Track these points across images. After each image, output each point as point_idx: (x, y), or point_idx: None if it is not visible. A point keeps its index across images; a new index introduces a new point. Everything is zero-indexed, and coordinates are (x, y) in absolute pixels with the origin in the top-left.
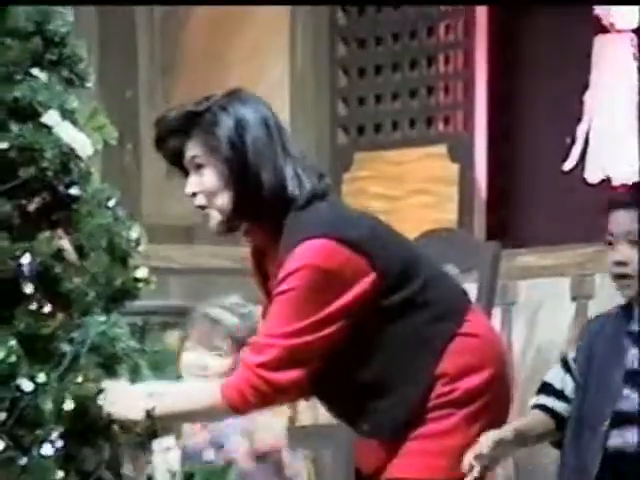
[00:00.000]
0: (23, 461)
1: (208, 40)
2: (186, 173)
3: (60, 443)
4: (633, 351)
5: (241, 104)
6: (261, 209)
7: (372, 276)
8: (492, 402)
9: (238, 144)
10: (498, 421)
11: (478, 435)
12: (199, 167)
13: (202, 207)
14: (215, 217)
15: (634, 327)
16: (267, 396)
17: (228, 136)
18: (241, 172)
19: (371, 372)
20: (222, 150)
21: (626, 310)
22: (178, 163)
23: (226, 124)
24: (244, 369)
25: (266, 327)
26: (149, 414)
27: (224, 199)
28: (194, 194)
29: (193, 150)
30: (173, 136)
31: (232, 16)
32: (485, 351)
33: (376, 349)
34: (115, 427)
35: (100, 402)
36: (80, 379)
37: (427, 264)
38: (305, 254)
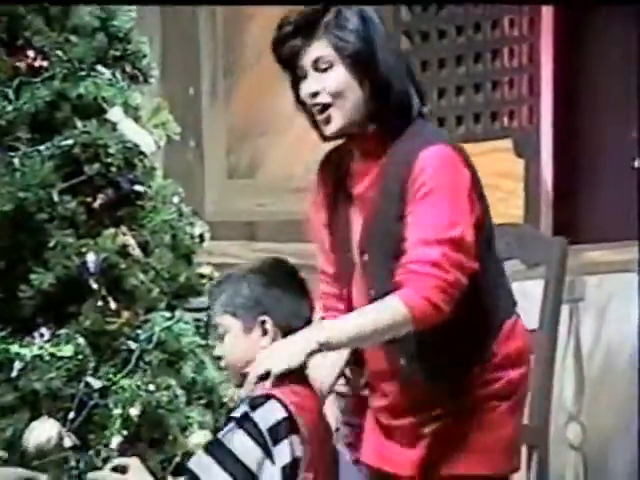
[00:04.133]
0: (80, 464)
1: (269, 43)
2: (295, 79)
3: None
4: None
5: (359, 5)
6: (386, 111)
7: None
8: (522, 399)
9: (368, 40)
10: (521, 419)
11: (519, 428)
12: (324, 70)
13: (324, 106)
14: (338, 117)
15: None
16: (455, 284)
17: (357, 32)
18: (371, 69)
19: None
20: (352, 47)
21: None
22: (290, 67)
23: (353, 21)
24: (421, 272)
25: (427, 224)
26: (320, 348)
27: (354, 98)
28: (315, 94)
29: (317, 51)
30: (294, 37)
31: None
32: (524, 349)
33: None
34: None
35: (257, 362)
36: (152, 387)
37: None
38: (435, 158)
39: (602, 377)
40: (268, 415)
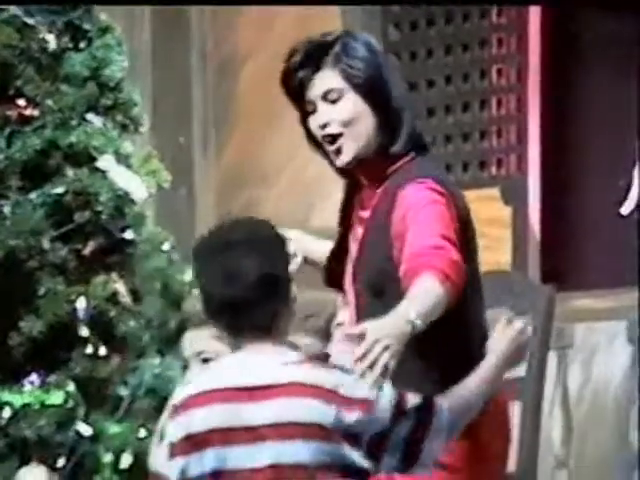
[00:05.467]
0: None
1: (262, 87)
2: (303, 112)
3: None
4: None
5: (362, 34)
6: (395, 139)
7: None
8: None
9: (378, 68)
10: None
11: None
12: (334, 101)
13: (334, 137)
14: (350, 147)
15: None
16: (459, 261)
17: (367, 60)
18: (384, 96)
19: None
20: (363, 75)
21: None
22: (299, 100)
23: (361, 50)
24: (428, 254)
25: (423, 234)
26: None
27: (365, 126)
28: (325, 125)
29: (328, 82)
30: (304, 67)
31: None
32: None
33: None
34: None
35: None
36: (143, 433)
37: None
38: (423, 185)
39: (590, 423)
40: None
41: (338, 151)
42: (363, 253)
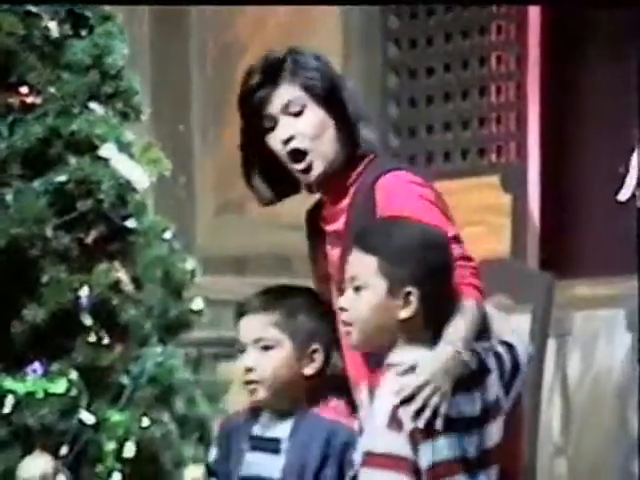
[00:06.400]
0: None
1: None
2: (261, 132)
3: None
4: None
5: (308, 50)
6: (356, 149)
7: None
8: None
9: (333, 77)
10: None
11: None
12: (296, 114)
13: (301, 154)
14: (319, 163)
15: None
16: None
17: (321, 71)
18: (342, 106)
19: None
20: (321, 85)
21: None
22: (256, 119)
23: (313, 61)
24: (465, 269)
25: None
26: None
27: (330, 139)
28: (289, 139)
29: (287, 94)
30: (262, 87)
31: None
32: None
33: None
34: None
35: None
36: (146, 422)
37: None
38: (397, 178)
39: (589, 411)
40: None
41: (307, 169)
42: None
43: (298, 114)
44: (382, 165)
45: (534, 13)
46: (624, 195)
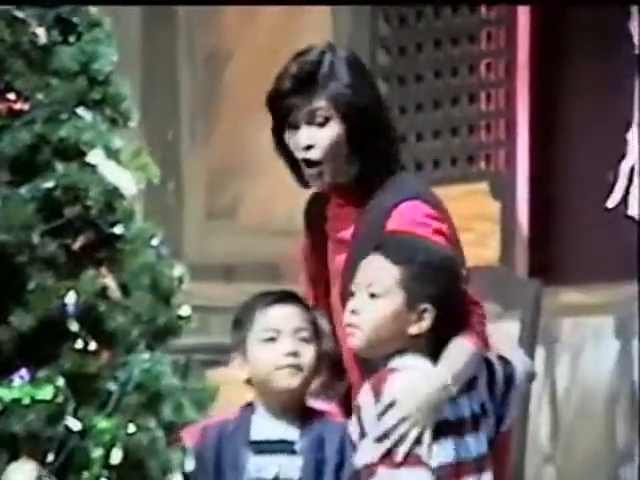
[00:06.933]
0: None
1: (250, 81)
2: (281, 126)
3: None
4: None
5: (345, 51)
6: (373, 165)
7: None
8: None
9: (363, 93)
10: None
11: None
12: (320, 124)
13: (315, 163)
14: (329, 174)
15: None
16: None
17: (352, 85)
18: (365, 125)
19: None
20: (347, 100)
21: None
22: (283, 122)
23: (348, 73)
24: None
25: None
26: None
27: (345, 153)
28: (308, 147)
29: (314, 104)
30: (294, 94)
31: (278, 60)
32: None
33: None
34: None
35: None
36: (132, 429)
37: None
38: (415, 209)
39: (577, 418)
40: None
41: (318, 176)
42: (349, 272)
43: (321, 124)
44: (402, 189)
45: (523, 19)
46: (612, 202)
